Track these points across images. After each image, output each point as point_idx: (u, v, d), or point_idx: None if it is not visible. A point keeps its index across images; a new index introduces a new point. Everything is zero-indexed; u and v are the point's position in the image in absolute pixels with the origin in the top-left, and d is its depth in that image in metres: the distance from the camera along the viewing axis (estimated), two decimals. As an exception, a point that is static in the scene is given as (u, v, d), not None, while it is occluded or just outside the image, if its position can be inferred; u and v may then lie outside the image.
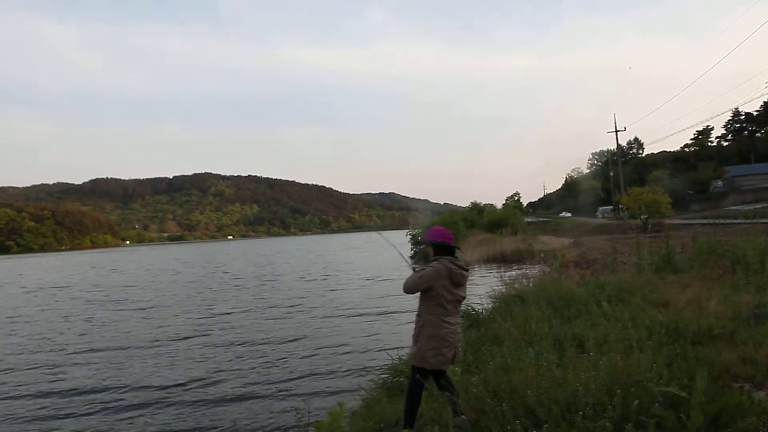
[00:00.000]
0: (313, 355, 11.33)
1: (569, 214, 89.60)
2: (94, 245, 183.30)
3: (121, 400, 8.98)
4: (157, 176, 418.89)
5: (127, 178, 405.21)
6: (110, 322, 17.35)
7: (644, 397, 3.73)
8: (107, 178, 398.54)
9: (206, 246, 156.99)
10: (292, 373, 9.98)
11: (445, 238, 4.48)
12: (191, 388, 9.43)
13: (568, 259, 21.56)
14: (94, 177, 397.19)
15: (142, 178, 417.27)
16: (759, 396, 4.06)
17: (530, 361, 5.11)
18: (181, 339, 14.00)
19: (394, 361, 7.84)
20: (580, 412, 3.48)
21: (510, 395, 4.19)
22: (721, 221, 34.46)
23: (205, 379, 9.98)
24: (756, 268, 10.64)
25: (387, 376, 7.48)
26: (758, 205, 47.80)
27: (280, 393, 8.87)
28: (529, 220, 72.08)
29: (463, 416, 4.24)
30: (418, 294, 4.40)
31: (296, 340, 13.05)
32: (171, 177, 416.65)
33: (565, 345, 6.12)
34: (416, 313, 4.46)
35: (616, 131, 49.09)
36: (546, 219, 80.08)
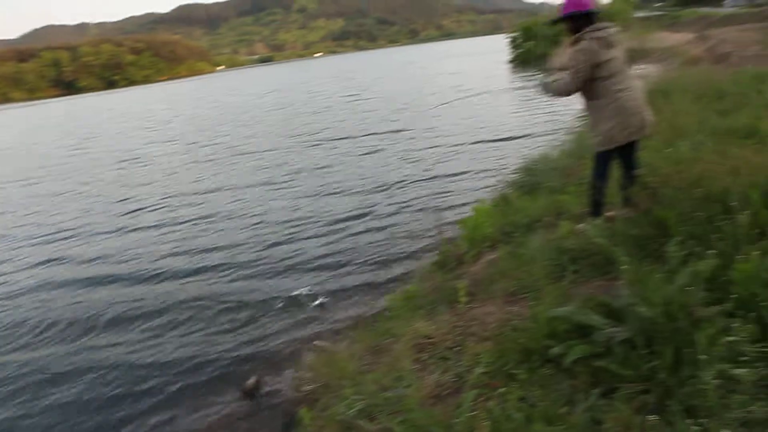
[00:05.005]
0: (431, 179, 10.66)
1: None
2: (191, 72, 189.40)
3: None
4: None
5: (210, 2, 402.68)
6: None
7: None
8: (191, 3, 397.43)
9: (295, 64, 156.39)
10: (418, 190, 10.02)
11: (581, 5, 3.75)
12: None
13: (693, 56, 18.96)
14: (178, 4, 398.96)
15: (223, 0, 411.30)
16: None
17: (701, 150, 4.67)
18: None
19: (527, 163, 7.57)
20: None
21: (687, 186, 3.85)
22: None
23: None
24: None
25: (518, 175, 7.30)
26: None
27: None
28: (640, 15, 62.70)
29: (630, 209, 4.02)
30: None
31: (414, 161, 12.45)
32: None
33: (729, 137, 5.54)
34: (584, 104, 4.06)
35: None
36: (660, 12, 69.10)
